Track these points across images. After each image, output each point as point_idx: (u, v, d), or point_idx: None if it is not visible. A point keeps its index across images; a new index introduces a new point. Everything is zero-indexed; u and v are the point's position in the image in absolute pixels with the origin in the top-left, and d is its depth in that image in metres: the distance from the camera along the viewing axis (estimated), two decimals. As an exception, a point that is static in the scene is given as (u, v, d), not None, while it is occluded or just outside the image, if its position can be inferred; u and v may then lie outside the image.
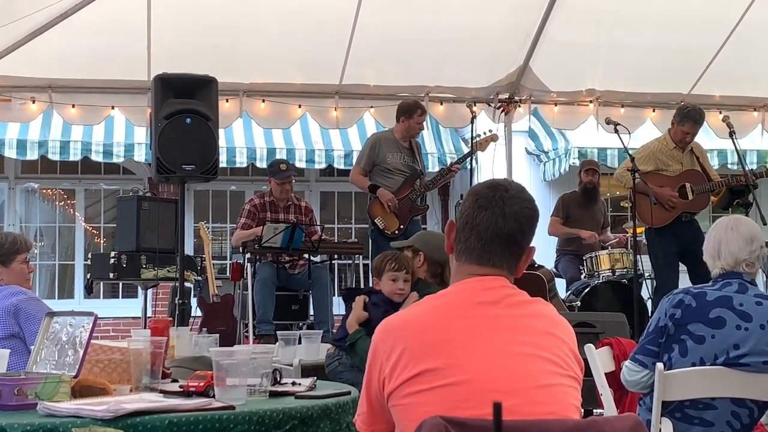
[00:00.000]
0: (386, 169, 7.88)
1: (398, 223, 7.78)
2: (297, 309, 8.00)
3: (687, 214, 7.51)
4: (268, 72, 8.49)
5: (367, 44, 8.19)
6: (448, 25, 8.21)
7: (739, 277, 3.71)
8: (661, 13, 8.29)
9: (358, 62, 8.40)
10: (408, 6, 8.00)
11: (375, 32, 8.10)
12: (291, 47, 8.21)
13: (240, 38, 8.08)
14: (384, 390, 2.23)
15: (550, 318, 2.33)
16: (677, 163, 7.64)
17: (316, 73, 8.54)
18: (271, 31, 8.04)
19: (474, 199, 2.34)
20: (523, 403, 2.15)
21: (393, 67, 8.59)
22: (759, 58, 8.74)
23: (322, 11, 7.89)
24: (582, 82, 9.05)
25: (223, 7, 7.79)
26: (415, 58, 8.51)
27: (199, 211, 12.02)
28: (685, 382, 3.59)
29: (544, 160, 12.43)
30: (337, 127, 9.19)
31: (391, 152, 7.88)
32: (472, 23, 8.25)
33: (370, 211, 7.86)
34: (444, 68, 8.71)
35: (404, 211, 7.81)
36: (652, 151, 7.77)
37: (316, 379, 3.05)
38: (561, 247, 9.24)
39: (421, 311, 2.31)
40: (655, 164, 7.66)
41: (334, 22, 8.03)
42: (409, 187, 7.88)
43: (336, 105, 8.78)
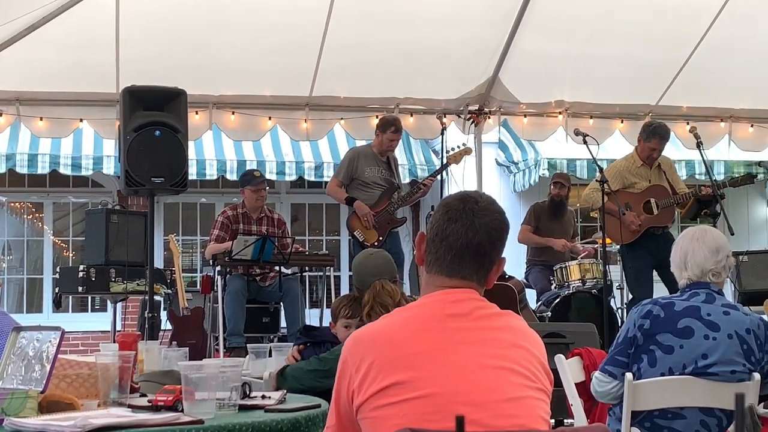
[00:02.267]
0: (364, 183, 7.91)
1: (377, 235, 7.81)
2: (268, 321, 7.98)
3: (656, 228, 7.57)
4: (238, 84, 8.48)
5: (337, 56, 8.20)
6: (418, 37, 8.23)
7: (707, 287, 3.74)
8: (628, 26, 8.36)
9: (328, 74, 8.40)
10: (378, 18, 8.01)
11: (345, 44, 8.11)
12: (261, 59, 8.20)
13: (209, 51, 8.06)
14: (353, 403, 2.23)
15: (520, 331, 2.33)
16: (644, 180, 7.71)
17: (286, 85, 8.53)
18: (240, 43, 8.03)
19: (444, 211, 2.34)
20: (492, 415, 2.16)
21: (363, 79, 8.60)
22: (725, 69, 8.82)
23: (292, 23, 7.88)
24: (551, 94, 9.10)
25: (193, 20, 7.77)
26: (385, 69, 8.53)
27: (169, 224, 11.96)
28: (654, 392, 3.61)
29: (514, 171, 12.48)
30: (308, 139, 9.18)
31: (369, 166, 7.92)
32: (442, 35, 8.28)
33: (350, 224, 7.88)
34: (414, 80, 8.72)
35: (383, 223, 7.83)
36: (619, 170, 7.84)
37: (286, 393, 3.04)
38: (531, 257, 9.27)
39: (391, 323, 2.31)
40: (621, 183, 7.73)
41: (303, 34, 8.02)
42: (387, 200, 7.91)
43: (306, 117, 8.77)
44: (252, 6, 7.74)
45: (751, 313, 3.78)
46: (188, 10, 7.70)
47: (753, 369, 3.65)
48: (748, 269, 10.06)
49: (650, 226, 7.59)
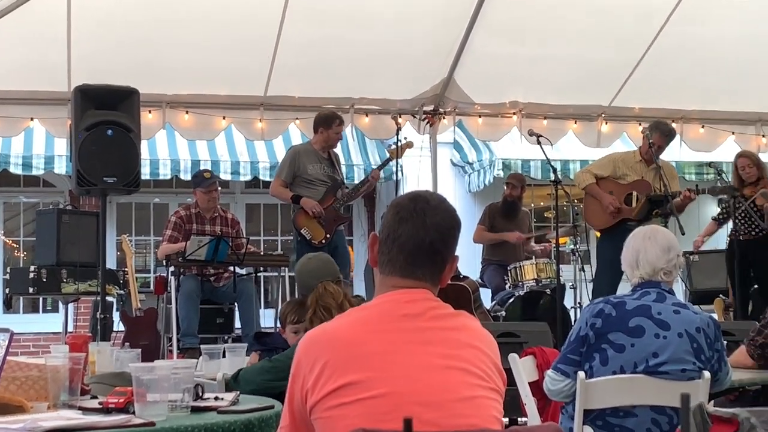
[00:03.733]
0: (308, 180, 7.87)
1: (324, 233, 7.77)
2: (222, 322, 7.95)
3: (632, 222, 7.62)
4: (192, 83, 8.42)
5: (292, 56, 8.17)
6: (373, 37, 8.24)
7: (657, 286, 3.78)
8: (582, 27, 8.42)
9: (282, 74, 8.38)
10: (333, 18, 8.00)
11: (299, 44, 8.09)
12: (215, 58, 8.14)
13: (163, 50, 7.99)
14: (306, 403, 2.22)
15: (474, 331, 2.34)
16: (637, 175, 7.79)
17: (241, 84, 8.49)
18: (194, 43, 7.97)
19: (395, 211, 2.35)
20: (445, 415, 2.17)
21: (318, 78, 8.58)
22: (676, 71, 8.92)
23: (245, 23, 7.85)
24: (505, 94, 9.15)
25: (146, 18, 7.70)
26: (340, 69, 8.52)
27: (122, 224, 11.85)
28: (605, 390, 3.64)
29: (469, 171, 12.53)
30: (263, 138, 9.15)
31: (311, 163, 7.87)
32: (397, 36, 8.29)
33: (296, 221, 7.83)
34: (369, 80, 8.72)
35: (329, 220, 7.80)
36: (614, 158, 7.99)
37: (239, 394, 3.02)
38: (486, 256, 9.32)
39: (345, 324, 2.31)
40: (612, 170, 7.85)
41: (258, 34, 7.99)
42: (332, 197, 7.87)
43: (261, 117, 8.74)
44: (206, 4, 7.71)
45: (700, 312, 3.83)
46: (141, 8, 7.64)
47: (703, 367, 3.69)
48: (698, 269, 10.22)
49: (626, 218, 7.65)
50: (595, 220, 7.85)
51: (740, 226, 8.13)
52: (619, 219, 7.66)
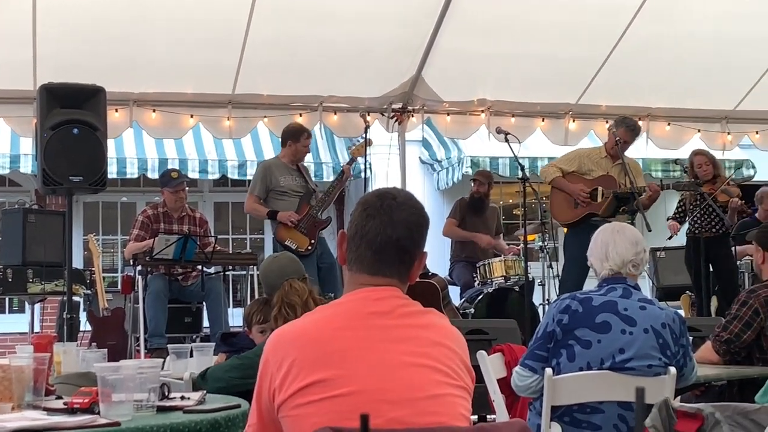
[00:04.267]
0: (281, 192, 7.87)
1: (308, 240, 7.77)
2: (190, 321, 7.90)
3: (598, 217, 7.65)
4: (159, 81, 8.36)
5: (260, 54, 8.14)
6: (342, 35, 8.22)
7: (624, 282, 3.81)
8: (549, 25, 8.45)
9: (251, 72, 8.34)
10: (300, 16, 7.98)
11: (267, 42, 8.06)
12: (182, 56, 8.10)
13: (130, 48, 7.93)
14: (274, 401, 2.22)
15: (442, 328, 2.34)
16: (602, 170, 7.81)
17: (209, 82, 8.45)
18: (161, 41, 7.92)
19: (363, 208, 2.34)
20: (413, 413, 2.17)
21: (286, 76, 8.56)
22: (642, 69, 8.98)
23: (213, 20, 7.81)
24: (473, 92, 9.17)
25: (113, 16, 7.64)
26: (308, 67, 8.49)
27: (89, 223, 11.77)
28: (572, 386, 3.66)
29: (438, 169, 12.56)
30: (231, 137, 9.11)
31: (282, 175, 7.89)
32: (365, 33, 8.28)
33: (278, 236, 7.82)
34: (338, 78, 8.71)
35: (310, 227, 7.80)
36: (580, 154, 8.03)
37: (206, 393, 3.01)
38: (455, 254, 9.34)
39: (313, 322, 2.30)
40: (578, 166, 7.88)
41: (225, 32, 7.96)
42: (307, 205, 7.88)
43: (229, 115, 8.70)
44: (173, 2, 7.66)
45: (666, 308, 3.86)
46: (108, 6, 7.58)
47: (669, 363, 3.72)
48: (665, 265, 10.30)
49: (591, 213, 7.69)
50: (562, 214, 7.88)
51: (701, 224, 8.19)
52: (586, 212, 7.70)
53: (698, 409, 2.69)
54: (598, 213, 7.66)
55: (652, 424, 2.70)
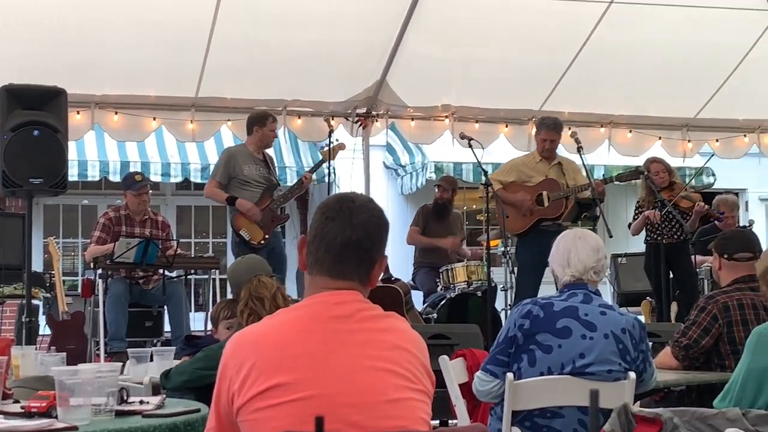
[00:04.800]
0: (244, 182, 7.81)
1: (263, 234, 7.73)
2: (151, 325, 7.84)
3: (548, 222, 7.69)
4: (121, 84, 8.30)
5: (224, 57, 8.11)
6: (306, 39, 8.21)
7: (585, 288, 3.83)
8: (513, 32, 8.50)
9: (214, 75, 8.30)
10: (265, 19, 7.96)
11: (231, 45, 8.03)
12: (145, 59, 8.05)
13: (92, 50, 7.87)
14: (233, 405, 2.21)
15: (403, 332, 2.34)
16: (541, 175, 7.85)
17: (172, 85, 8.40)
18: (124, 43, 7.87)
19: (322, 212, 2.35)
20: (373, 417, 2.17)
21: (250, 80, 8.53)
22: (605, 76, 9.05)
23: (176, 22, 7.77)
24: (438, 98, 9.19)
25: (75, 17, 7.58)
26: (272, 71, 8.47)
27: (49, 226, 11.66)
28: (533, 391, 3.67)
29: (402, 174, 12.59)
30: (194, 140, 9.07)
31: (247, 164, 7.81)
32: (330, 38, 8.28)
33: (234, 223, 7.77)
34: (302, 82, 8.69)
35: (267, 221, 7.76)
36: (516, 163, 8.05)
37: (166, 397, 2.99)
38: (418, 259, 9.35)
39: (273, 325, 2.30)
40: (517, 176, 7.89)
41: (189, 34, 7.92)
42: (269, 198, 7.83)
43: (192, 118, 8.65)
44: (136, 4, 7.61)
45: (626, 313, 3.89)
46: (70, 7, 7.52)
47: (629, 368, 3.75)
48: (626, 271, 10.38)
49: (541, 218, 7.72)
50: (512, 225, 7.85)
51: (661, 230, 8.25)
52: (536, 219, 7.74)
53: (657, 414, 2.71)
54: (547, 217, 7.71)
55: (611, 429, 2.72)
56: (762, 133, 10.03)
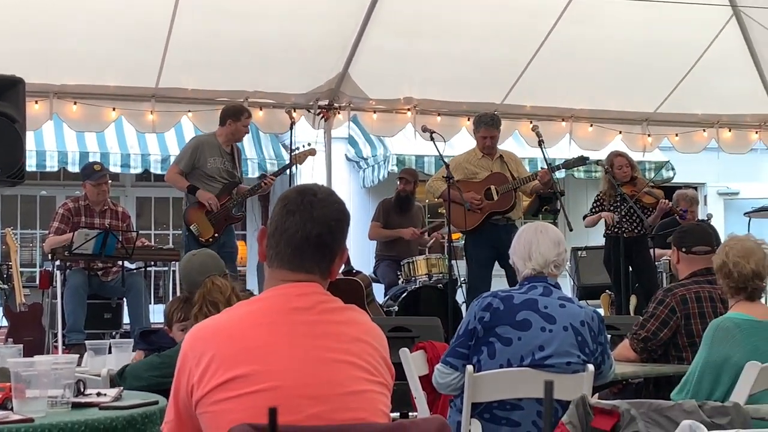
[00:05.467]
0: (205, 175, 7.73)
1: (213, 231, 7.67)
2: (110, 317, 7.78)
3: (498, 216, 7.72)
4: (81, 73, 8.22)
5: (185, 48, 8.05)
6: (268, 30, 8.18)
7: (544, 281, 3.84)
8: (475, 25, 8.52)
9: (175, 66, 8.25)
10: (227, 9, 7.93)
11: (192, 36, 7.98)
12: (105, 49, 7.98)
13: (51, 39, 7.79)
14: (192, 397, 2.20)
15: (363, 325, 2.34)
16: (485, 170, 7.86)
17: (132, 75, 8.33)
18: (83, 32, 7.79)
19: (283, 204, 2.34)
20: (333, 409, 2.17)
21: (211, 71, 8.48)
22: (566, 71, 9.11)
23: (137, 13, 7.71)
24: (400, 90, 9.19)
25: (33, 5, 7.50)
26: (234, 62, 8.43)
27: (7, 217, 11.55)
28: (493, 383, 3.69)
29: (364, 166, 12.58)
30: (154, 131, 9.00)
31: (212, 157, 7.74)
32: (292, 30, 8.25)
33: (187, 216, 7.72)
34: (264, 74, 8.66)
35: (220, 219, 7.70)
36: (459, 162, 8.00)
37: (123, 389, 2.96)
38: (380, 252, 9.35)
39: (233, 317, 2.29)
40: (462, 173, 7.86)
41: (149, 24, 7.86)
42: (227, 196, 7.77)
43: (152, 108, 8.58)
44: (96, -7, 7.55)
45: (585, 306, 3.91)
46: (28, -5, 7.45)
47: (587, 360, 3.77)
48: (586, 264, 10.45)
49: (492, 212, 7.74)
50: (462, 222, 7.78)
51: (621, 224, 8.32)
52: (487, 213, 7.75)
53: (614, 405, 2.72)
54: (500, 210, 7.73)
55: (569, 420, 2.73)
56: (720, 128, 10.15)
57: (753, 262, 4.05)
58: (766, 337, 4.03)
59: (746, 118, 10.21)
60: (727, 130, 10.21)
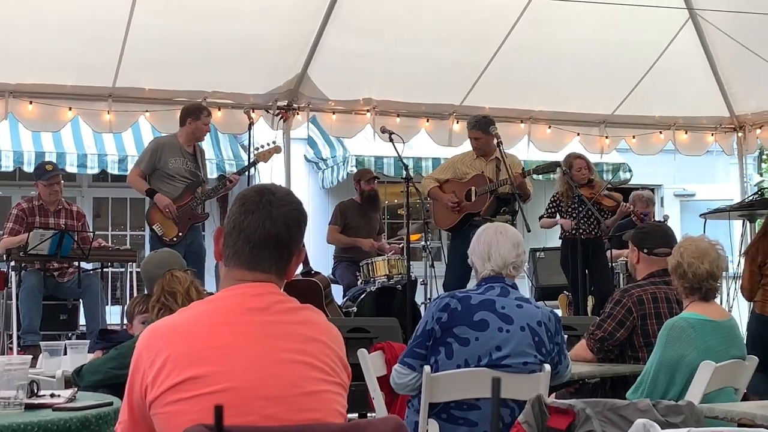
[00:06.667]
0: (168, 175, 7.70)
1: (177, 231, 7.63)
2: (66, 319, 7.71)
3: (477, 217, 7.75)
4: (37, 72, 8.12)
5: (142, 47, 7.98)
6: (227, 31, 8.14)
7: (502, 281, 3.86)
8: (434, 27, 8.54)
9: (132, 65, 8.17)
10: (185, 9, 7.86)
11: (150, 35, 7.91)
12: (61, 47, 7.89)
13: (6, 37, 7.69)
14: (146, 398, 2.18)
15: (319, 325, 2.34)
16: (476, 171, 7.94)
17: (88, 74, 8.23)
18: (40, 30, 7.70)
19: (241, 203, 2.33)
20: (289, 410, 2.16)
21: (169, 71, 8.40)
22: (524, 73, 9.14)
23: (94, 11, 7.63)
24: (359, 91, 9.18)
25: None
26: (192, 62, 8.37)
27: (-39, 218, 11.37)
28: (450, 383, 3.70)
29: (323, 167, 12.56)
30: (111, 131, 8.91)
31: (174, 157, 7.70)
32: (251, 29, 8.21)
33: (149, 216, 7.68)
34: (222, 74, 8.60)
35: (184, 218, 7.66)
36: (453, 161, 8.18)
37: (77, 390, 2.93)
38: (338, 253, 9.33)
39: (188, 317, 2.27)
40: (453, 173, 8.02)
41: (107, 23, 7.78)
42: (190, 195, 7.73)
43: (109, 108, 8.49)
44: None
45: (542, 306, 3.94)
46: (-17, -7, 7.35)
47: (544, 360, 3.80)
48: (544, 265, 10.51)
49: (468, 213, 7.80)
50: (442, 221, 8.12)
51: (579, 226, 8.38)
52: (464, 215, 7.83)
53: (570, 405, 2.75)
54: (475, 212, 7.79)
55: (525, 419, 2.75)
56: (677, 130, 10.25)
57: (707, 263, 4.10)
58: (719, 336, 4.08)
59: (702, 120, 10.32)
60: (684, 133, 10.31)
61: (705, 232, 6.03)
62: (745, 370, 4.19)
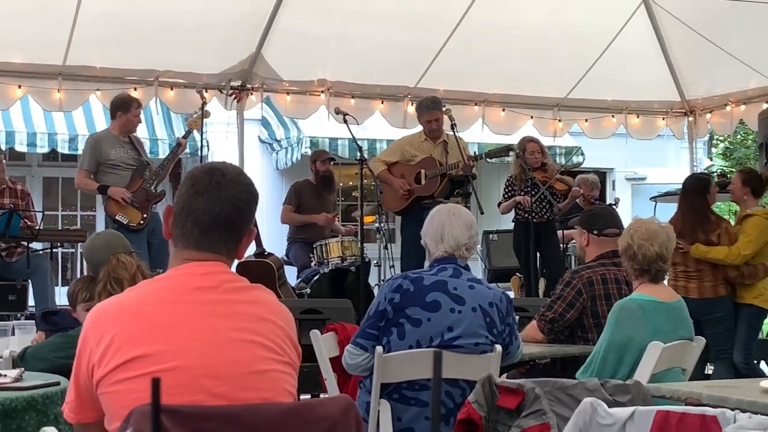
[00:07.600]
0: (112, 165, 7.65)
1: (141, 214, 7.58)
2: (14, 299, 7.61)
3: (427, 200, 7.76)
4: (-16, 50, 7.99)
5: (93, 25, 7.86)
6: (179, 9, 8.04)
7: (454, 262, 3.88)
8: (389, 9, 8.51)
9: (83, 43, 8.05)
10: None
11: (101, 13, 7.80)
12: (10, 24, 7.76)
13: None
14: (93, 377, 2.16)
15: (269, 304, 2.33)
16: (425, 154, 7.95)
17: (38, 52, 8.11)
18: (-13, 6, 7.57)
19: (190, 184, 2.30)
20: (236, 388, 2.15)
21: (121, 49, 8.30)
22: (478, 55, 9.15)
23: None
24: (313, 72, 9.13)
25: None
26: (144, 40, 8.26)
27: None
28: (402, 364, 3.71)
29: (277, 148, 12.52)
30: (61, 109, 8.78)
31: (113, 148, 7.66)
32: (204, 8, 8.12)
33: (109, 210, 7.61)
34: (174, 53, 8.51)
35: (142, 201, 7.60)
36: (401, 143, 8.18)
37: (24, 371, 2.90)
38: (292, 235, 9.31)
39: (135, 296, 2.25)
40: (401, 155, 8.02)
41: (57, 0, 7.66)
42: (140, 179, 7.68)
43: (59, 87, 8.37)
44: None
45: (494, 288, 3.96)
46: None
47: (495, 341, 3.82)
48: (497, 247, 10.57)
49: (419, 196, 7.81)
50: (392, 204, 8.10)
51: (532, 209, 8.43)
52: (412, 198, 7.84)
53: (519, 384, 2.77)
54: (425, 195, 7.80)
55: (475, 399, 2.77)
56: (629, 114, 10.32)
57: (657, 245, 4.15)
58: (668, 317, 4.13)
59: (654, 104, 10.40)
60: (635, 117, 10.39)
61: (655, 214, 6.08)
62: (693, 351, 4.24)
